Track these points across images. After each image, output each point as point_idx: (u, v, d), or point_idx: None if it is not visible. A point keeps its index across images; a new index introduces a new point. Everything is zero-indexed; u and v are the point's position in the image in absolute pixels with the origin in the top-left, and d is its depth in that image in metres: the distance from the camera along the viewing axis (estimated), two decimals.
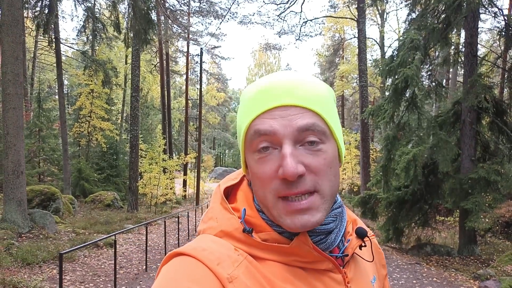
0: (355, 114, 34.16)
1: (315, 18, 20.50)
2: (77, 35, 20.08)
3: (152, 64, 31.20)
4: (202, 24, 26.39)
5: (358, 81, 19.86)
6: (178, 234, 10.49)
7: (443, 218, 12.58)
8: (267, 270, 0.61)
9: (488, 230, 11.82)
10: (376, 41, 28.32)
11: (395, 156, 10.32)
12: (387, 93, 11.73)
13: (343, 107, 34.22)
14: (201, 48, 24.88)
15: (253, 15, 19.93)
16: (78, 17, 39.65)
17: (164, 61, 27.16)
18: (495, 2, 10.71)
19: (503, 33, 10.16)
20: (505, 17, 9.97)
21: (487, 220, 10.95)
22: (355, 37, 23.11)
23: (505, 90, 14.67)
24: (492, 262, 8.16)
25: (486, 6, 10.64)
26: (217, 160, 62.50)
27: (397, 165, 9.92)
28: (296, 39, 20.38)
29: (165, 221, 10.59)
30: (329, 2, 26.93)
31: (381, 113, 10.88)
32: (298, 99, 0.60)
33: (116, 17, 11.66)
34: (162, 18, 24.25)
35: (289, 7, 19.73)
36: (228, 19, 22.40)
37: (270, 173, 0.59)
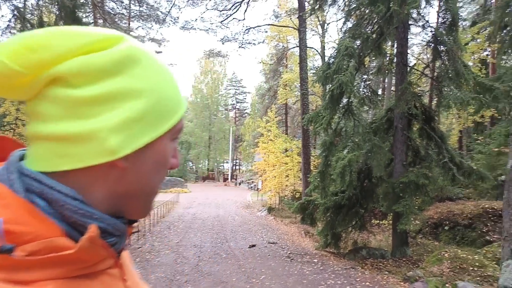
0: (298, 122, 34.84)
1: (258, 26, 20.73)
2: (1, 35, 18.39)
3: None
4: (143, 29, 25.46)
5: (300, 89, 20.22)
6: None
7: (378, 221, 12.98)
8: None
9: (419, 231, 12.36)
10: (317, 51, 29.17)
11: (332, 161, 10.49)
12: (324, 100, 11.95)
13: (287, 115, 34.76)
14: None
15: (195, 20, 19.54)
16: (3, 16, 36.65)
17: None
18: (423, 15, 11.36)
19: (431, 44, 10.76)
20: (433, 29, 10.55)
21: (417, 222, 11.46)
22: (297, 46, 23.56)
23: (434, 98, 15.60)
24: (422, 263, 8.44)
25: (415, 18, 11.24)
26: None
27: (334, 170, 10.08)
28: (239, 46, 20.39)
29: None
30: (273, 12, 27.29)
31: (319, 119, 11.02)
32: None
33: (40, 16, 10.73)
34: (101, 21, 23.13)
35: (232, 14, 19.67)
36: (169, 24, 21.82)
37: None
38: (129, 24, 26.47)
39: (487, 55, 22.43)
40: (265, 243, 12.45)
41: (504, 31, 17.40)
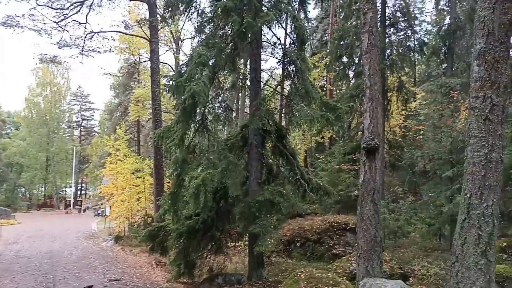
0: (152, 139, 32.95)
1: (103, 32, 18.50)
2: None
3: None
4: None
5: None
6: None
7: (235, 243, 12.40)
8: None
9: (273, 250, 12.22)
10: (172, 68, 28.15)
11: (185, 181, 9.46)
12: (177, 113, 10.97)
13: (139, 133, 32.43)
14: None
15: (22, 16, 16.31)
16: None
17: None
18: (275, 33, 11.53)
19: (281, 62, 10.90)
20: (283, 47, 10.70)
21: (273, 241, 11.23)
22: (149, 60, 22.10)
23: (284, 116, 16.17)
24: (279, 287, 7.97)
25: (267, 36, 11.32)
26: None
27: (187, 191, 9.05)
28: (80, 52, 17.80)
29: None
30: (123, 22, 25.22)
31: (171, 134, 9.92)
32: None
33: None
34: None
35: (70, 15, 17.08)
36: None
37: None
38: None
39: (325, 82, 25.12)
40: (106, 281, 10.46)
41: (339, 61, 19.57)
